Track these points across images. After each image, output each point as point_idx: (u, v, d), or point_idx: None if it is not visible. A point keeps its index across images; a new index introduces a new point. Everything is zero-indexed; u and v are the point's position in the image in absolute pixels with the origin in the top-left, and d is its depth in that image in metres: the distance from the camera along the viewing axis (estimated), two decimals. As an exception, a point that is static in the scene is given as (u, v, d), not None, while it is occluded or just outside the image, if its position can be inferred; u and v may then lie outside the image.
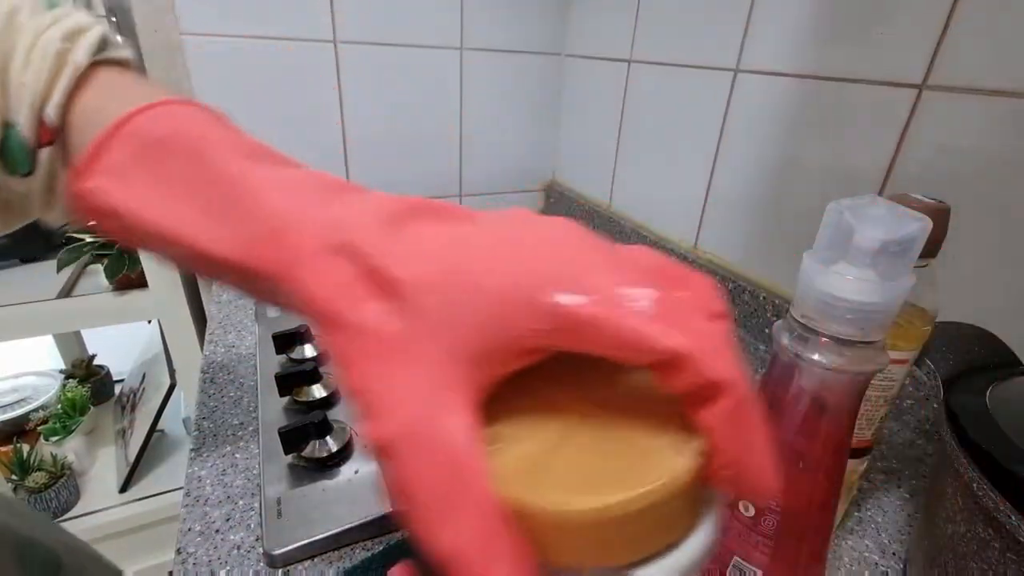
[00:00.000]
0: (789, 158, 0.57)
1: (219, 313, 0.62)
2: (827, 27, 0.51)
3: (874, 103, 0.48)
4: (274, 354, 0.50)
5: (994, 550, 0.25)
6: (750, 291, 0.62)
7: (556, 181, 1.03)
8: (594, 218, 0.91)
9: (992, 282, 0.42)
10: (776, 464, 0.15)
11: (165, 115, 0.20)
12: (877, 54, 0.47)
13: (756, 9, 0.58)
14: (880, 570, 0.35)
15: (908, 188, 0.33)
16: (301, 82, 0.77)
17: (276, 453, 0.39)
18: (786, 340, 0.25)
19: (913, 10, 0.44)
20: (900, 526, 0.39)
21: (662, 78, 0.73)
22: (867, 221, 0.23)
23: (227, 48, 0.71)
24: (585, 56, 0.88)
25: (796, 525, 0.27)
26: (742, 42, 0.60)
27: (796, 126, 0.56)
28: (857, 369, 0.24)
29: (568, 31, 0.90)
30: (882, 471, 0.44)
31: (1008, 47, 0.39)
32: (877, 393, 0.31)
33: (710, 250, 0.70)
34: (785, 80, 0.56)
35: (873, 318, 0.23)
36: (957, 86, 0.42)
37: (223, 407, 0.46)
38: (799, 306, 0.25)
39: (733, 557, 0.29)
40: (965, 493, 0.27)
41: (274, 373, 0.45)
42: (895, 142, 0.47)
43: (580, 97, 0.91)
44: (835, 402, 0.25)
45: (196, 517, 0.36)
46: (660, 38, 0.72)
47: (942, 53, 0.43)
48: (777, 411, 0.27)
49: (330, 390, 0.46)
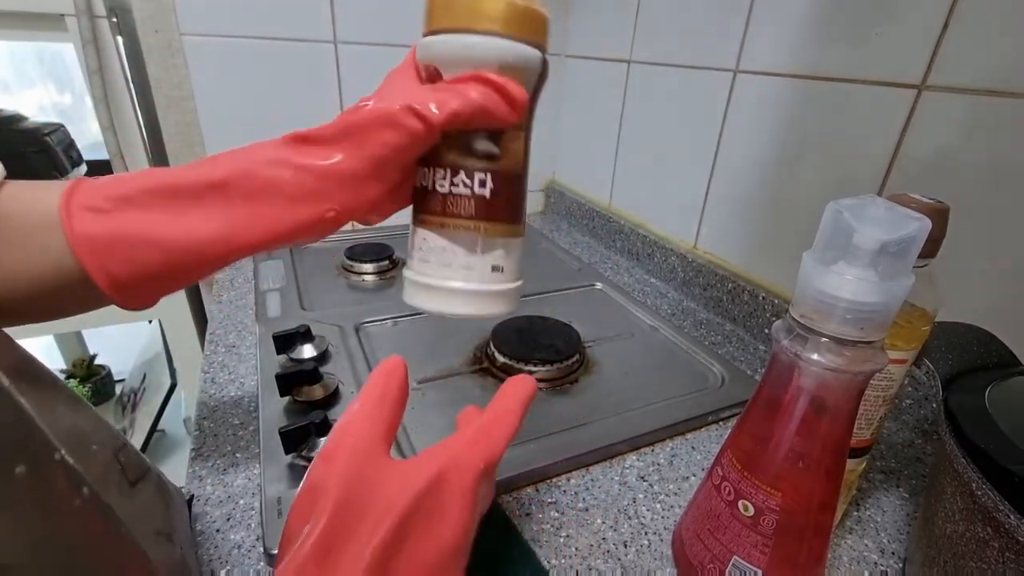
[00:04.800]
0: (789, 158, 0.57)
1: (220, 313, 0.62)
2: (827, 28, 0.51)
3: (873, 103, 0.48)
4: (274, 354, 0.50)
5: (993, 549, 0.25)
6: (750, 291, 0.62)
7: (556, 181, 1.03)
8: (594, 218, 0.91)
9: (991, 282, 0.42)
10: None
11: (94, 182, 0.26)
12: (876, 55, 0.47)
13: (756, 9, 0.58)
14: (879, 569, 0.35)
15: (908, 188, 0.33)
16: (301, 82, 0.77)
17: (276, 453, 0.39)
18: (785, 340, 0.25)
19: (912, 10, 0.44)
20: (899, 526, 0.39)
21: (662, 78, 0.73)
22: (867, 221, 0.23)
23: (227, 48, 0.71)
24: (585, 56, 0.88)
25: (796, 525, 0.27)
26: (742, 42, 0.60)
27: (796, 126, 0.56)
28: (856, 369, 0.24)
29: (568, 31, 0.90)
30: (881, 471, 0.44)
31: (1007, 47, 0.39)
32: (876, 393, 0.31)
33: (710, 250, 0.70)
34: (785, 80, 0.56)
35: (872, 318, 0.23)
36: (956, 86, 0.42)
37: (223, 407, 0.46)
38: (798, 306, 0.25)
39: (733, 557, 0.29)
40: (964, 493, 0.27)
41: (274, 373, 0.45)
42: (895, 142, 0.47)
43: (580, 97, 0.91)
44: (834, 402, 0.25)
45: (197, 516, 0.36)
46: (660, 38, 0.72)
47: (941, 53, 0.43)
48: (777, 411, 0.27)
49: (330, 390, 0.46)
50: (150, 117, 0.73)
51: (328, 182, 0.26)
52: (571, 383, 0.52)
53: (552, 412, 0.47)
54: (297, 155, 0.26)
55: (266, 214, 0.26)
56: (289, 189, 0.26)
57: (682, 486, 0.41)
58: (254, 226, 0.26)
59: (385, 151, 0.25)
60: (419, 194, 0.29)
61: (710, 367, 0.55)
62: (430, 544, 0.21)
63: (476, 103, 0.25)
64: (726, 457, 0.30)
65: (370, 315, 0.60)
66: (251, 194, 0.26)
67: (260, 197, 0.26)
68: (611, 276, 0.77)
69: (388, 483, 0.22)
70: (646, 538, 0.36)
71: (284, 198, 0.26)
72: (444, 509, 0.22)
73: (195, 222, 0.26)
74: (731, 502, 0.28)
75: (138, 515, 0.22)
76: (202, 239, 0.26)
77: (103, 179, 0.26)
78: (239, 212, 0.26)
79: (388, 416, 0.24)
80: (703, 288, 0.69)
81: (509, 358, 0.52)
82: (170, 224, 0.25)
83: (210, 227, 0.26)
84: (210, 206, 0.26)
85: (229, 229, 0.26)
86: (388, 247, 0.77)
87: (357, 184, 0.26)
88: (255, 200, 0.26)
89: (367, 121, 0.25)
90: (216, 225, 0.26)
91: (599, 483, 0.41)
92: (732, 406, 0.49)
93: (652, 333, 0.62)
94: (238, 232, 0.26)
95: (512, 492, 0.39)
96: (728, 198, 0.66)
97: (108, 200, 0.25)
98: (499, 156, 0.27)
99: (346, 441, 0.23)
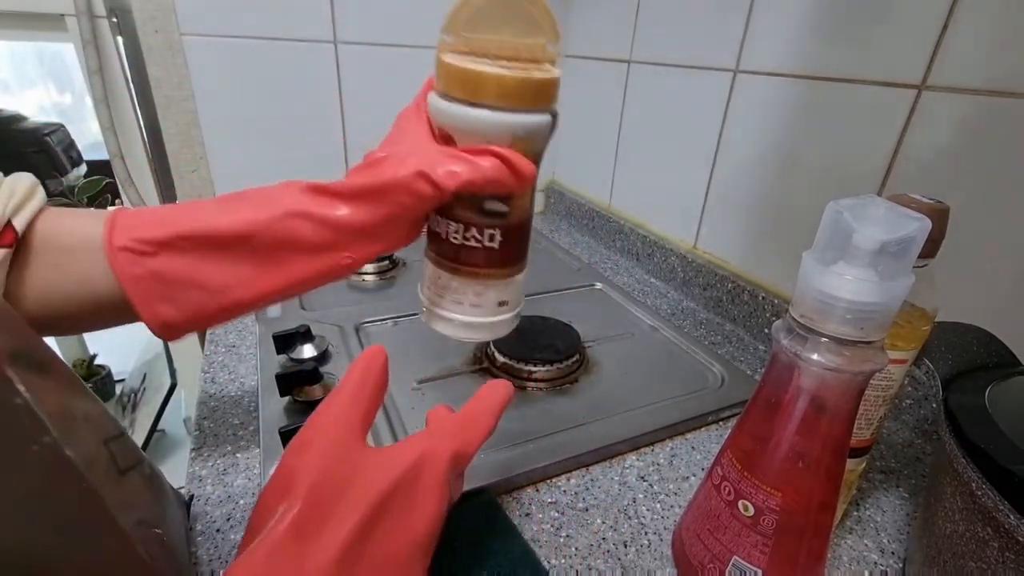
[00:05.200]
0: (789, 158, 0.57)
1: (219, 313, 0.62)
2: (827, 27, 0.51)
3: (873, 103, 0.48)
4: (274, 354, 0.50)
5: (993, 549, 0.25)
6: (750, 291, 0.62)
7: (556, 181, 1.03)
8: (594, 218, 0.91)
9: (991, 282, 0.42)
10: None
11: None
12: (876, 54, 0.47)
13: (756, 9, 0.58)
14: (879, 569, 0.35)
15: (907, 188, 0.33)
16: (301, 82, 0.77)
17: (276, 453, 0.39)
18: (785, 340, 0.25)
19: (912, 10, 0.44)
20: (899, 525, 0.39)
21: (662, 78, 0.73)
22: (866, 221, 0.23)
23: (227, 48, 0.71)
24: (585, 56, 0.88)
25: (796, 524, 0.27)
26: (742, 42, 0.60)
27: (796, 126, 0.56)
28: (856, 369, 0.24)
29: (568, 31, 0.90)
30: (881, 471, 0.44)
31: (1007, 48, 0.39)
32: (876, 393, 0.31)
33: (710, 250, 0.70)
34: (785, 80, 0.56)
35: (872, 318, 0.23)
36: (956, 86, 0.42)
37: (224, 407, 0.46)
38: (798, 306, 0.25)
39: (733, 557, 0.29)
40: (964, 492, 0.27)
41: (275, 373, 0.45)
42: (894, 142, 0.47)
43: (580, 97, 0.91)
44: (834, 402, 0.25)
45: (197, 516, 0.36)
46: (660, 38, 0.72)
47: (941, 54, 0.43)
48: (777, 411, 0.27)
49: (330, 390, 0.46)
50: (150, 117, 0.73)
51: (345, 235, 0.28)
52: (571, 383, 0.52)
53: (552, 412, 0.47)
54: (317, 206, 0.28)
55: (287, 262, 0.28)
56: (309, 241, 0.28)
57: (682, 486, 0.41)
58: (276, 275, 0.29)
59: (399, 210, 0.27)
60: (434, 235, 0.31)
61: (710, 367, 0.55)
62: (402, 533, 0.22)
63: (487, 175, 0.26)
64: (726, 457, 0.30)
65: (370, 315, 0.60)
66: (274, 246, 0.28)
67: (283, 249, 0.28)
68: (611, 276, 0.77)
69: (364, 469, 0.22)
70: (646, 538, 0.36)
71: (305, 249, 0.28)
72: (417, 499, 0.22)
73: (225, 267, 0.28)
74: (731, 502, 0.28)
75: (124, 502, 0.22)
76: (231, 284, 0.28)
77: (141, 215, 0.29)
78: (263, 261, 0.28)
79: (366, 404, 0.25)
80: (703, 288, 0.69)
81: (509, 358, 0.52)
82: (203, 269, 0.28)
83: (240, 274, 0.28)
84: (236, 254, 0.28)
85: (254, 276, 0.28)
86: (388, 247, 0.77)
87: (371, 235, 0.29)
88: (278, 251, 0.28)
89: (384, 185, 0.27)
90: (245, 272, 0.28)
91: (599, 483, 0.41)
92: (732, 406, 0.49)
93: (652, 333, 0.62)
94: (263, 278, 0.28)
95: (512, 492, 0.39)
96: (728, 198, 0.66)
97: (149, 244, 0.28)
98: (508, 214, 0.29)
99: (323, 427, 0.23)
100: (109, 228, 0.28)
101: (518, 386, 0.51)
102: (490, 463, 0.40)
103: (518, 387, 0.51)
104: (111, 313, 0.29)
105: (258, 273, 0.28)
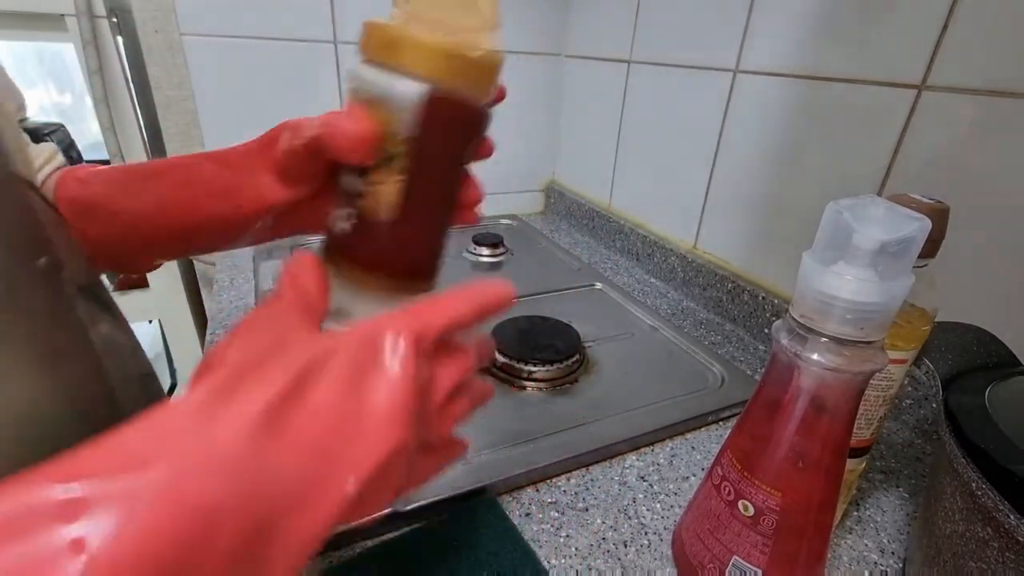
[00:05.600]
0: (789, 158, 0.57)
1: (220, 313, 0.62)
2: (827, 27, 0.51)
3: (873, 103, 0.48)
4: (274, 354, 0.50)
5: (993, 549, 0.25)
6: (750, 291, 0.62)
7: (556, 181, 1.03)
8: (594, 218, 0.91)
9: (991, 282, 0.42)
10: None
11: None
12: (876, 54, 0.47)
13: (756, 9, 0.58)
14: (879, 569, 0.35)
15: (907, 188, 0.33)
16: (301, 82, 0.77)
17: (276, 453, 0.39)
18: (785, 340, 0.25)
19: (912, 10, 0.44)
20: (899, 525, 0.39)
21: (662, 78, 0.73)
22: (866, 221, 0.23)
23: (227, 48, 0.71)
24: (585, 56, 0.88)
25: (796, 524, 0.27)
26: (742, 42, 0.60)
27: (796, 126, 0.56)
28: (856, 369, 0.24)
29: (568, 31, 0.90)
30: (881, 471, 0.44)
31: (1007, 48, 0.39)
32: (876, 393, 0.31)
33: (710, 250, 0.70)
34: (785, 80, 0.56)
35: (872, 318, 0.23)
36: (956, 86, 0.42)
37: (223, 407, 0.46)
38: (798, 306, 0.25)
39: (733, 557, 0.29)
40: (964, 492, 0.27)
41: (274, 373, 0.45)
42: (894, 142, 0.47)
43: (580, 97, 0.91)
44: (834, 402, 0.25)
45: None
46: (660, 38, 0.72)
47: (941, 54, 0.43)
48: (777, 411, 0.27)
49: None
50: (150, 117, 0.73)
51: (238, 174, 0.31)
52: (571, 383, 0.52)
53: (552, 412, 0.47)
54: (221, 152, 0.32)
55: (196, 201, 0.32)
56: (211, 182, 0.31)
57: (682, 486, 0.41)
58: (185, 209, 0.32)
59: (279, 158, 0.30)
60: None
61: (710, 367, 0.55)
62: (344, 406, 0.19)
63: (324, 121, 0.24)
64: (726, 457, 0.30)
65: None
66: (184, 183, 0.32)
67: (191, 186, 0.32)
68: (611, 276, 0.77)
69: (299, 343, 0.20)
70: (646, 538, 0.36)
71: (212, 193, 0.31)
72: (368, 372, 0.20)
73: (144, 195, 0.33)
74: (731, 502, 0.28)
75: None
76: (147, 211, 0.32)
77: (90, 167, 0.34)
78: (175, 196, 0.32)
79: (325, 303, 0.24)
80: (703, 288, 0.69)
81: (509, 358, 0.52)
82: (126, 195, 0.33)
83: (160, 201, 0.32)
84: (155, 185, 0.33)
85: (167, 205, 0.32)
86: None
87: (265, 183, 0.31)
88: (187, 187, 0.32)
89: (263, 137, 0.32)
90: (162, 201, 0.32)
91: (599, 483, 0.41)
92: (732, 406, 0.49)
93: (652, 333, 0.62)
94: (172, 208, 0.32)
95: (512, 492, 0.39)
96: (728, 198, 0.66)
97: (87, 175, 0.33)
98: (362, 195, 0.23)
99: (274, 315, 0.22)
100: (67, 169, 0.33)
101: (518, 386, 0.51)
102: (490, 463, 0.40)
103: (518, 387, 0.51)
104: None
105: (170, 203, 0.32)
